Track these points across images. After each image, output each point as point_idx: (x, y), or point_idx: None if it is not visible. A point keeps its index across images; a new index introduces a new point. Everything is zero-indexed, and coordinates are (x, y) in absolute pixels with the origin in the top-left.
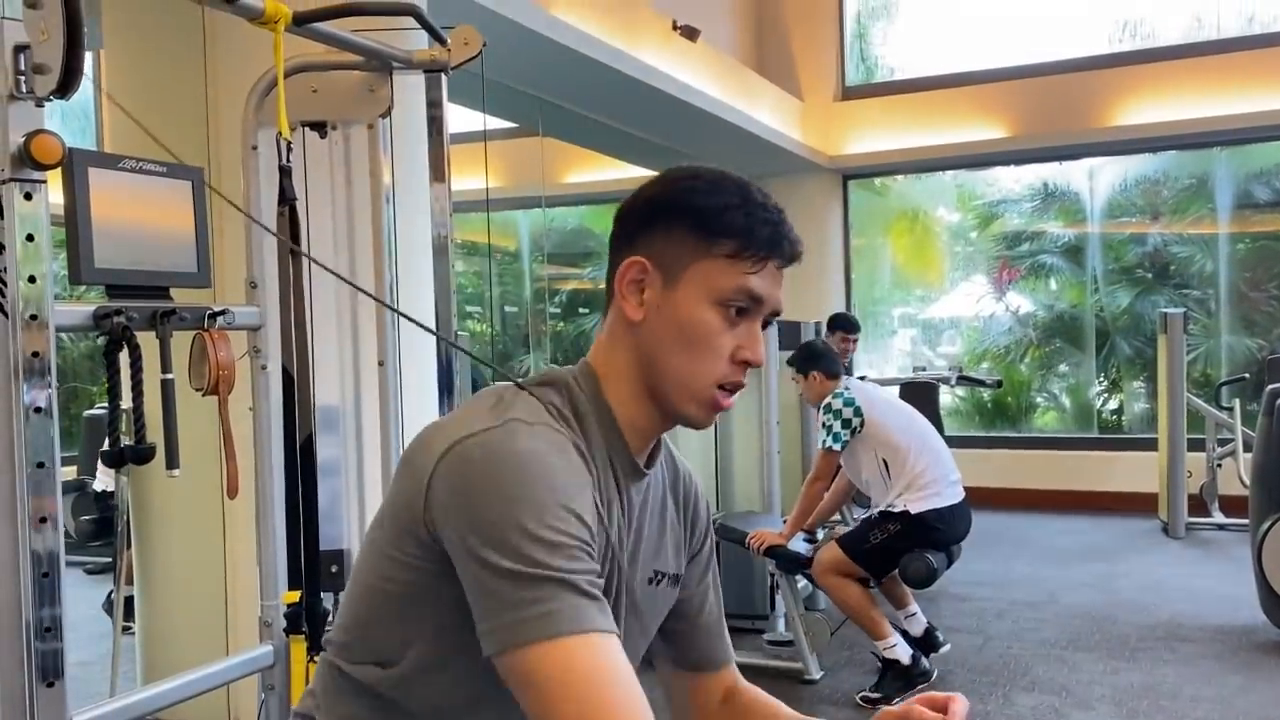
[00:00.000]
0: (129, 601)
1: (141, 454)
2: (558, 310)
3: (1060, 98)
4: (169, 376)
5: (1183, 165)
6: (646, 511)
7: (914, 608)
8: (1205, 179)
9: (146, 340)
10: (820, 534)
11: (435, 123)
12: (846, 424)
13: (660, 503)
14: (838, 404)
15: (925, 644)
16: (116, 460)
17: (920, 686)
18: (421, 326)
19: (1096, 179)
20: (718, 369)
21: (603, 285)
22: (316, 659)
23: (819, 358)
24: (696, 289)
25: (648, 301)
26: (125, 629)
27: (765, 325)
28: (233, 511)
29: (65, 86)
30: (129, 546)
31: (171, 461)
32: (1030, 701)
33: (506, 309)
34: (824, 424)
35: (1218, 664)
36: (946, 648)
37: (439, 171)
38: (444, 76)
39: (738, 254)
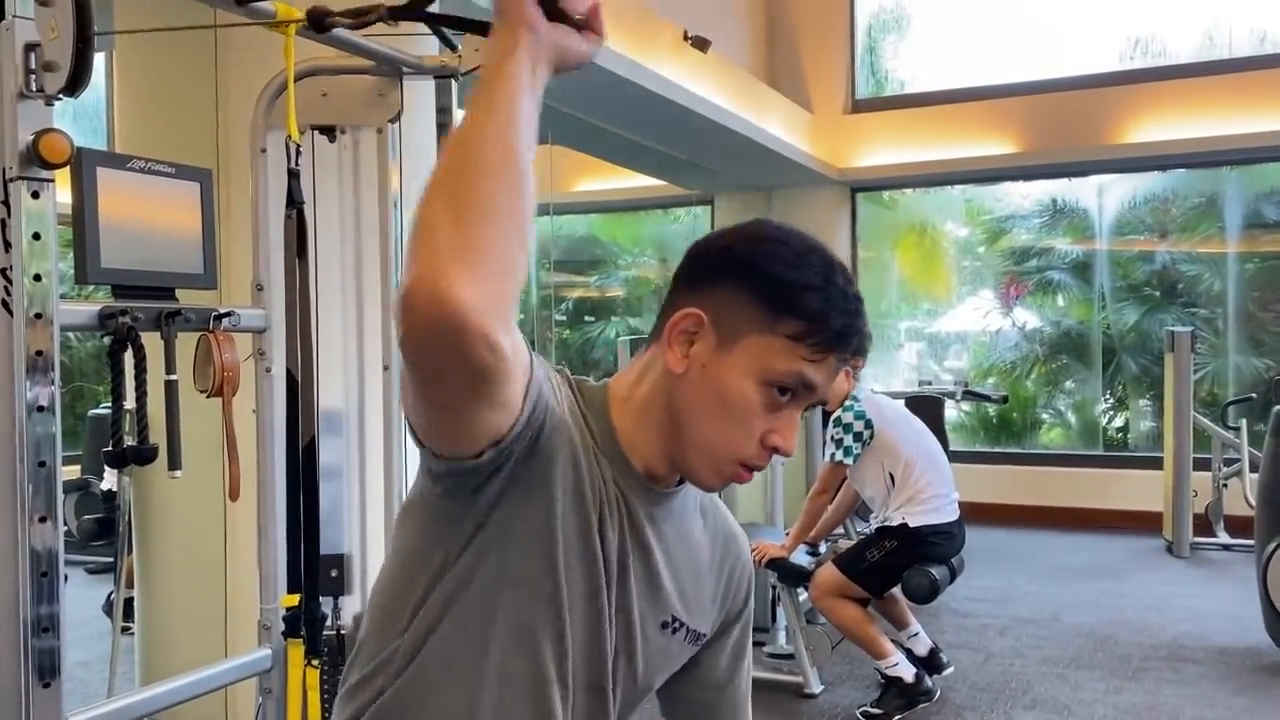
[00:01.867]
0: (129, 602)
1: (144, 454)
2: (564, 318)
3: (1070, 114)
4: (173, 378)
5: (1192, 184)
6: (671, 547)
7: (915, 627)
8: (1215, 198)
9: (151, 341)
10: (823, 547)
11: (445, 129)
12: (858, 437)
13: (689, 547)
14: (848, 417)
15: (930, 664)
16: (119, 460)
17: (922, 705)
18: None
19: (1106, 196)
20: (746, 449)
21: (609, 293)
22: (314, 663)
23: None
24: (749, 361)
25: (694, 356)
26: (125, 630)
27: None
28: (235, 514)
29: (74, 84)
30: (130, 547)
31: (174, 462)
32: None
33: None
34: (833, 437)
35: (1221, 685)
36: (950, 669)
37: None
38: (454, 82)
39: (803, 338)
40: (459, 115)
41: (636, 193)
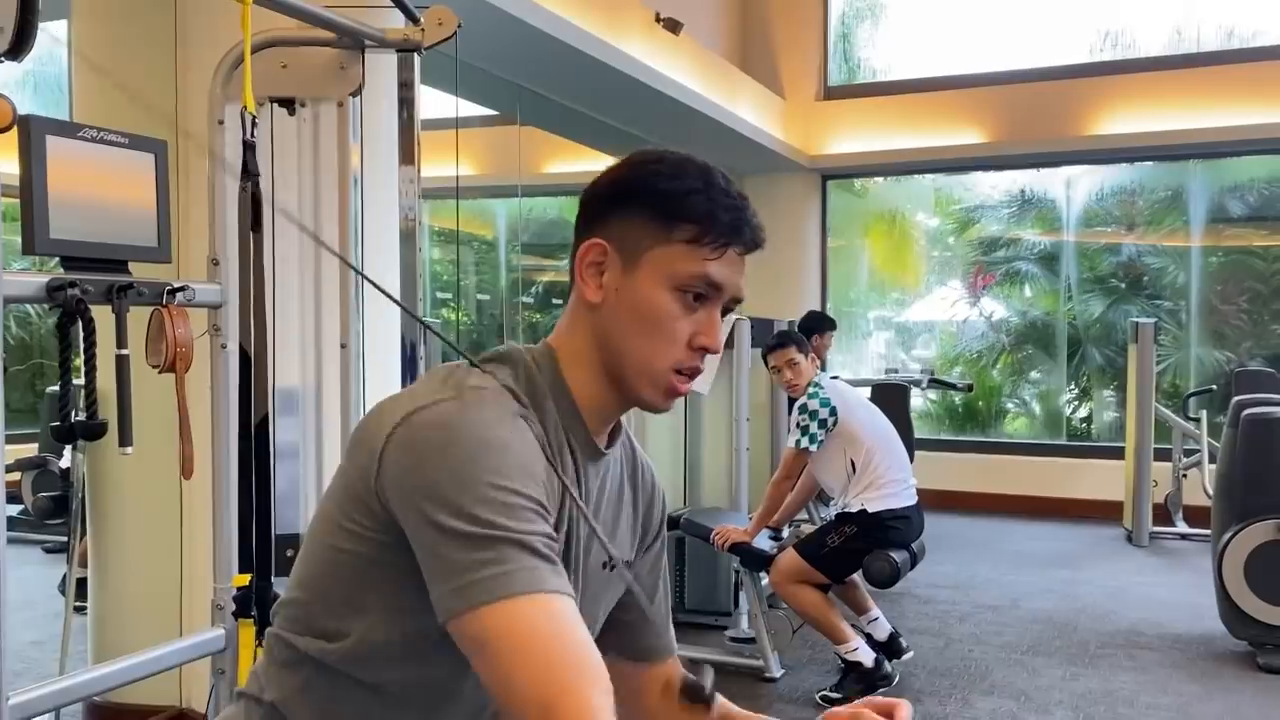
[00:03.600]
0: (82, 581)
1: (92, 430)
2: (532, 300)
3: (1040, 105)
4: (124, 352)
5: (1158, 177)
6: (604, 495)
7: (875, 612)
8: (1180, 191)
9: (103, 316)
10: (785, 532)
11: (406, 104)
12: (823, 424)
13: (618, 489)
14: (814, 404)
15: (889, 649)
16: (67, 436)
17: (881, 690)
18: (406, 309)
19: (1074, 188)
20: (674, 354)
21: None
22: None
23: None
24: (655, 273)
25: (606, 284)
26: (78, 609)
27: (725, 312)
28: (191, 493)
29: (18, 47)
30: (84, 526)
31: (125, 439)
32: (989, 705)
33: (481, 298)
34: (799, 424)
35: (1175, 672)
36: (910, 654)
37: (408, 154)
38: (417, 57)
39: (698, 239)
40: (424, 92)
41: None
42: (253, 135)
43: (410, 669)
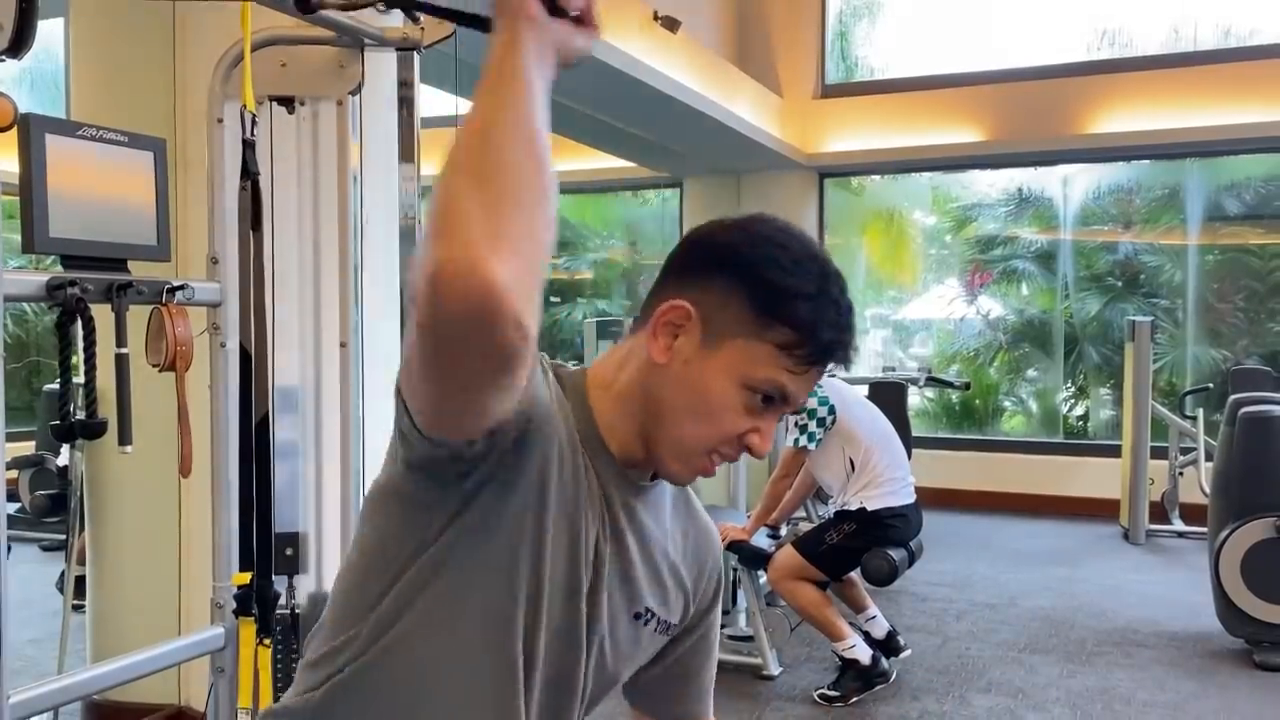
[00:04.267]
0: (80, 580)
1: (92, 429)
2: None
3: (1037, 103)
4: (124, 351)
5: (1155, 175)
6: (648, 539)
7: (873, 610)
8: (1177, 190)
9: (102, 314)
10: (784, 530)
11: (406, 103)
12: (821, 423)
13: (665, 540)
14: (812, 402)
15: (887, 647)
16: (66, 435)
17: (879, 687)
18: None
19: (1071, 186)
20: (718, 445)
21: (577, 276)
22: (266, 642)
23: None
24: (732, 364)
25: (678, 350)
26: (76, 607)
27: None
28: (189, 491)
29: (18, 44)
30: (82, 524)
31: (124, 437)
32: (986, 703)
33: None
34: (797, 423)
35: (1172, 670)
36: (908, 652)
37: (408, 152)
38: (416, 55)
39: (789, 348)
40: (422, 91)
41: (605, 174)
42: (253, 134)
43: (418, 614)
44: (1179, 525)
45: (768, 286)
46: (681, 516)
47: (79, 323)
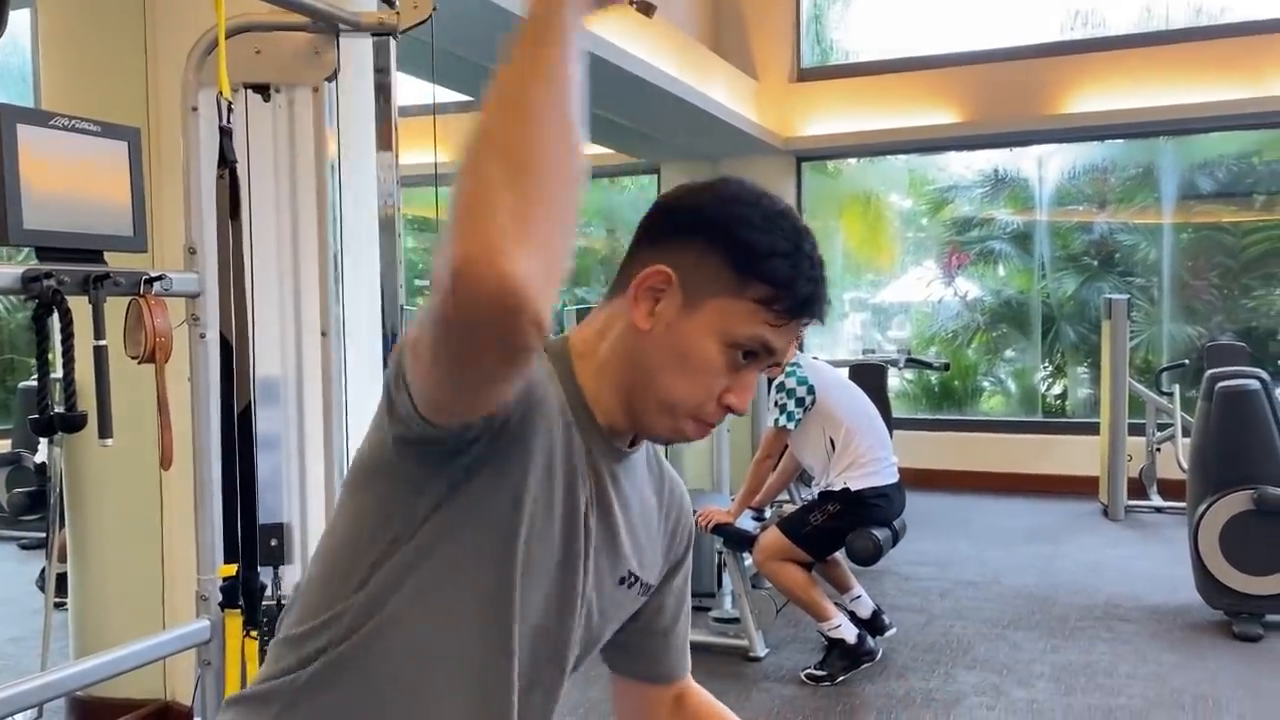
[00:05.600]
0: (61, 577)
1: (72, 422)
2: None
3: (1012, 84)
4: (102, 343)
5: (1130, 154)
6: (629, 503)
7: (858, 590)
8: (1151, 169)
9: (80, 307)
10: (768, 512)
11: (383, 89)
12: (800, 402)
13: (642, 501)
14: (791, 382)
15: (872, 626)
16: (46, 429)
17: (865, 666)
18: None
19: (1046, 167)
20: (703, 405)
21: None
22: (253, 634)
23: None
24: (713, 323)
25: (659, 314)
26: (58, 605)
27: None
28: (170, 484)
29: None
30: (62, 520)
31: (104, 430)
32: (972, 679)
33: None
34: (777, 403)
35: (1153, 643)
36: (893, 631)
37: (386, 140)
38: (393, 40)
39: (768, 303)
40: (397, 78)
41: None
42: (229, 121)
43: (409, 595)
44: (1157, 501)
45: (744, 245)
46: (655, 476)
47: (56, 315)
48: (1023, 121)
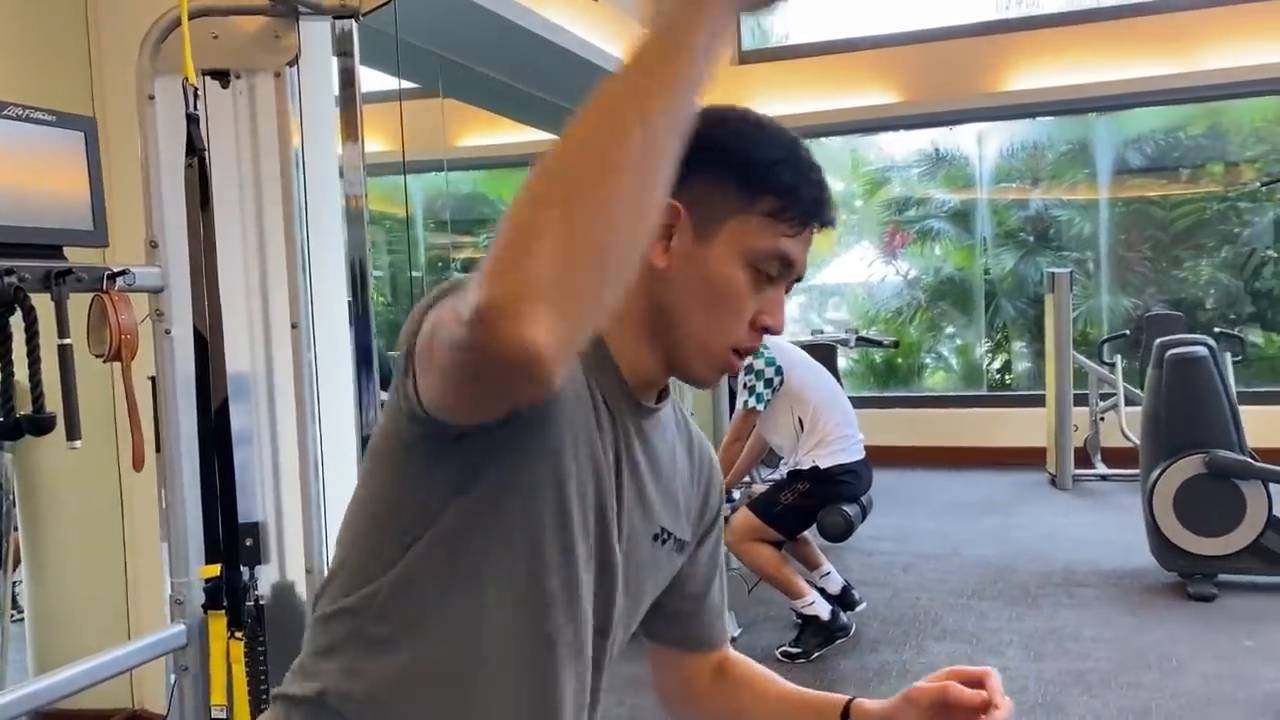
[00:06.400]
0: (17, 587)
1: (40, 424)
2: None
3: (950, 64)
4: (67, 342)
5: (1064, 131)
6: (657, 461)
7: (827, 566)
8: (1085, 145)
9: (39, 304)
10: (737, 494)
11: (347, 74)
12: (769, 383)
13: (672, 459)
14: (759, 364)
15: (843, 601)
16: (12, 432)
17: (839, 641)
18: None
19: (984, 145)
20: (737, 331)
21: None
22: (238, 635)
23: None
24: (731, 246)
25: (675, 250)
26: (14, 619)
27: (787, 290)
28: (131, 487)
29: None
30: (15, 528)
31: (73, 432)
32: (944, 650)
33: (398, 278)
34: (745, 384)
35: (1113, 607)
36: (863, 605)
37: (351, 129)
38: (355, 23)
39: (779, 214)
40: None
41: (526, 148)
42: (195, 108)
43: (441, 577)
44: (1102, 469)
45: (745, 161)
46: (683, 431)
47: (19, 313)
48: (960, 100)
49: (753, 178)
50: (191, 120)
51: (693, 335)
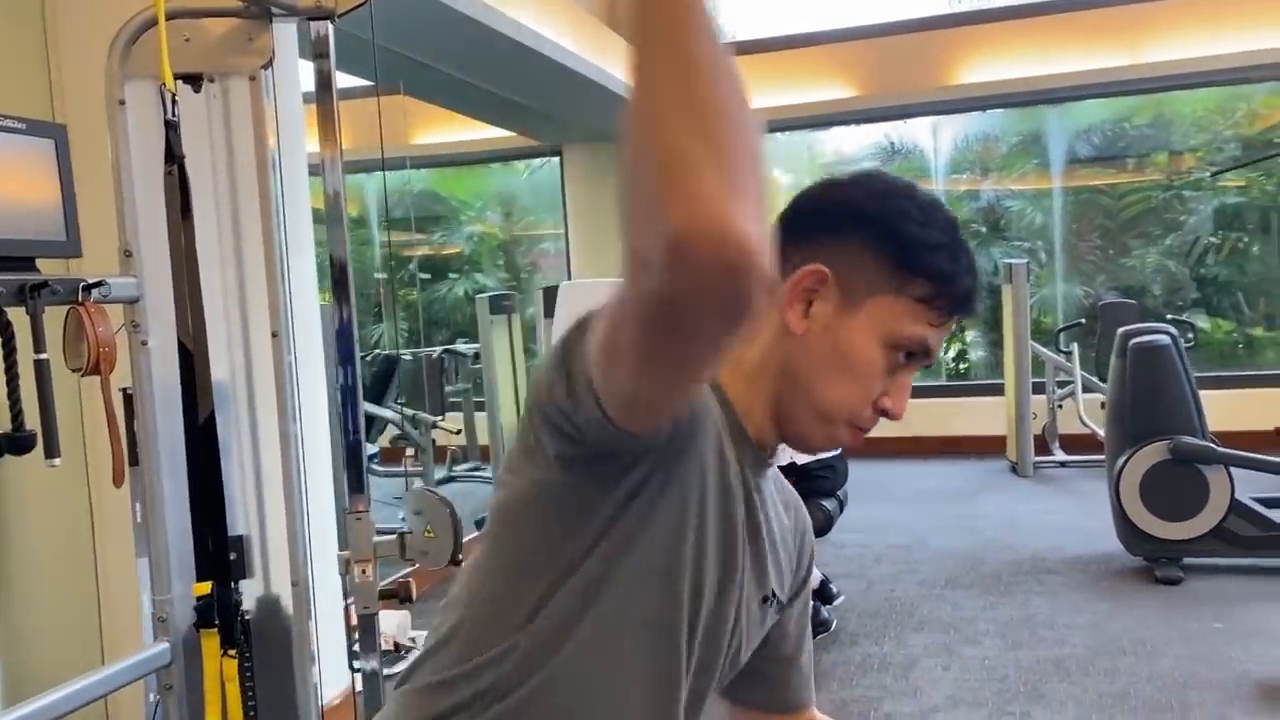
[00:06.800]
0: None
1: (21, 443)
2: (406, 279)
3: (902, 58)
4: (43, 356)
5: (1016, 123)
6: (771, 521)
7: None
8: (1037, 136)
9: (14, 318)
10: None
11: (323, 75)
12: None
13: (779, 518)
14: None
15: (822, 596)
16: None
17: (820, 636)
18: None
19: (939, 137)
20: (861, 409)
21: (449, 251)
22: (231, 653)
23: None
24: (874, 323)
25: (815, 315)
26: None
27: None
28: (102, 504)
29: None
30: None
31: (51, 450)
32: (923, 640)
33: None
34: None
35: (1083, 593)
36: (841, 599)
37: (329, 132)
38: (330, 25)
39: (930, 300)
40: (304, 66)
41: (480, 145)
42: (174, 113)
43: (586, 629)
44: (1061, 456)
45: (904, 240)
46: (782, 487)
47: None
48: (914, 94)
49: (909, 260)
50: (170, 127)
51: (817, 404)
